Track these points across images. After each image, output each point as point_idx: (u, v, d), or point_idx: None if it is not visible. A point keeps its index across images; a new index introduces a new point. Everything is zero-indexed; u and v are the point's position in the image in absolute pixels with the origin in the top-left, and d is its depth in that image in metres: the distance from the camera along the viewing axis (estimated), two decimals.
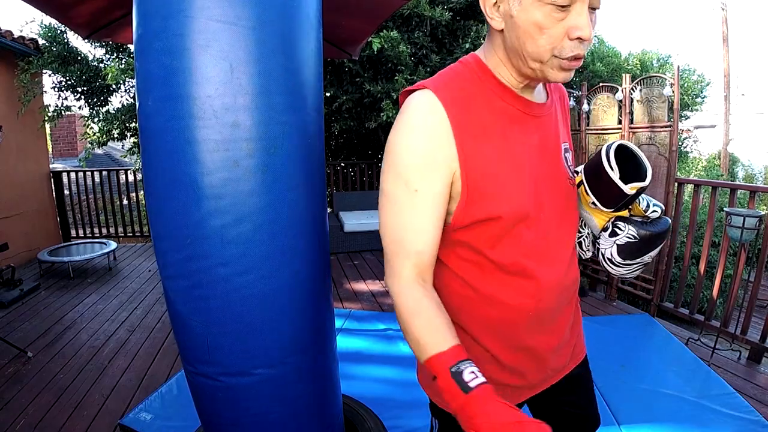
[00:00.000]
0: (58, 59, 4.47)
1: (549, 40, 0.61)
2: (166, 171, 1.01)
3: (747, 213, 2.31)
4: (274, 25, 1.00)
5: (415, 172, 0.66)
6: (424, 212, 0.66)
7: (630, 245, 0.78)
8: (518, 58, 0.66)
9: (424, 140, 0.65)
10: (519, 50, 0.65)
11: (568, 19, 0.60)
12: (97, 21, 1.92)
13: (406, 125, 0.67)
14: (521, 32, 0.62)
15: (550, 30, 0.61)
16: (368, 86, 4.26)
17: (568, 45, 0.61)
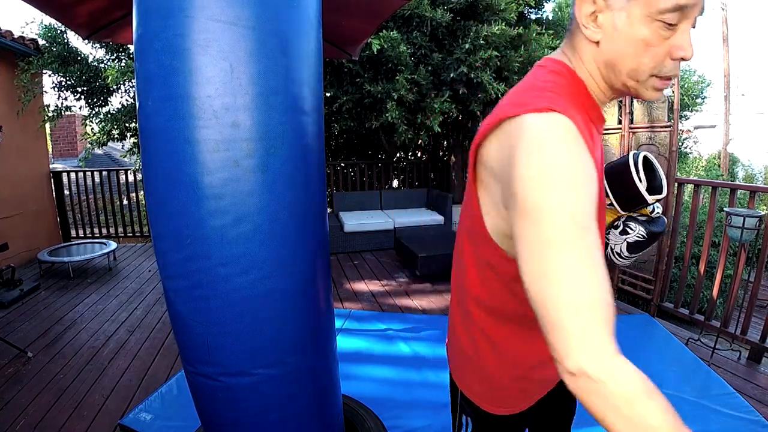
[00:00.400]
0: (58, 59, 4.47)
1: (652, 58, 0.59)
2: (166, 171, 1.01)
3: (747, 213, 2.31)
4: (274, 25, 1.00)
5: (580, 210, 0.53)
6: (600, 254, 0.53)
7: (639, 242, 0.87)
8: (613, 73, 0.63)
9: (578, 172, 0.55)
10: (617, 65, 0.62)
11: (674, 38, 0.58)
12: (97, 21, 1.92)
13: (558, 158, 0.54)
14: (624, 47, 0.59)
15: (655, 48, 0.58)
16: (368, 87, 4.26)
17: (670, 64, 0.60)
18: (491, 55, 4.18)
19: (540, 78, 0.65)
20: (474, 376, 0.82)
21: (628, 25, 0.58)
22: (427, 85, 4.37)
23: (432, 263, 3.79)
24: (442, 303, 3.34)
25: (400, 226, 4.94)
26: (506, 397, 0.82)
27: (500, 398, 0.82)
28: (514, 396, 0.82)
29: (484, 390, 0.82)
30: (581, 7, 0.62)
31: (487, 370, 0.80)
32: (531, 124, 0.57)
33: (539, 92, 0.61)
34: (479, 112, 4.89)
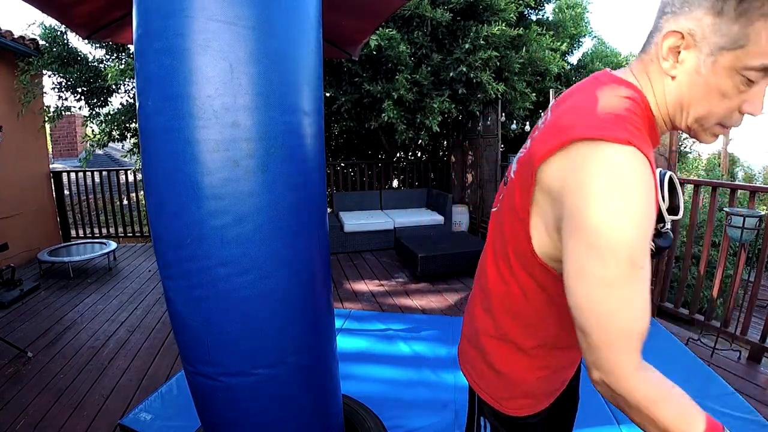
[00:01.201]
0: (58, 60, 4.47)
1: (724, 109, 0.59)
2: (166, 171, 1.01)
3: (747, 213, 2.31)
4: (274, 25, 1.00)
5: (641, 248, 0.55)
6: (646, 292, 0.56)
7: None
8: (680, 112, 0.63)
9: (648, 210, 0.56)
10: (688, 106, 0.61)
11: (748, 93, 0.57)
12: (97, 21, 1.93)
13: (633, 196, 0.55)
14: (701, 93, 0.59)
15: (730, 101, 0.58)
16: (368, 86, 4.26)
17: (736, 116, 0.60)
18: (491, 55, 4.19)
19: (615, 101, 0.62)
20: (499, 383, 0.82)
21: (713, 72, 0.57)
22: (427, 85, 4.37)
23: (432, 263, 3.79)
24: (441, 303, 3.34)
25: (400, 226, 4.94)
26: (531, 398, 0.83)
27: (525, 401, 0.83)
28: (537, 396, 0.83)
29: (509, 395, 0.82)
30: (667, 39, 0.59)
31: (514, 376, 0.80)
32: (610, 155, 0.56)
33: (620, 121, 0.59)
34: (479, 112, 4.90)
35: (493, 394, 0.83)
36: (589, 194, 0.56)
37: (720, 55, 0.55)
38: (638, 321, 0.56)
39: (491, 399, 0.84)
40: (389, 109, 4.20)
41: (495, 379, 0.83)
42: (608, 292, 0.55)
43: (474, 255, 3.94)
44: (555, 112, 0.70)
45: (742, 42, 0.53)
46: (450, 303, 3.34)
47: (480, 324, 0.85)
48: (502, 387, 0.82)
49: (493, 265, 0.79)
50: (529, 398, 0.82)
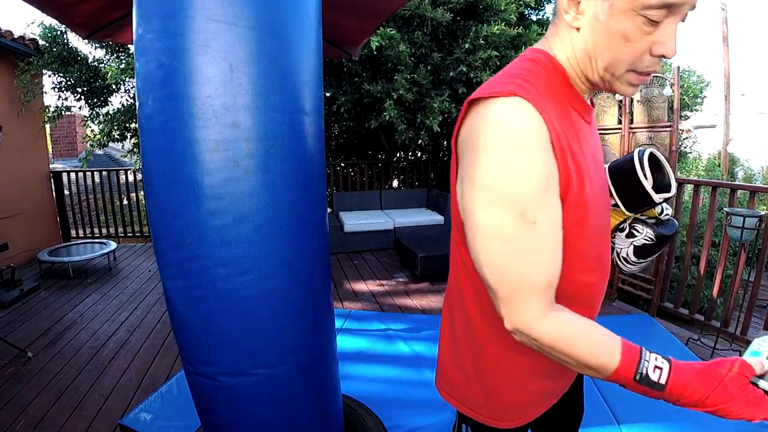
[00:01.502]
0: (58, 60, 4.47)
1: (631, 54, 0.57)
2: (166, 171, 1.01)
3: (747, 213, 2.31)
4: (274, 25, 1.01)
5: (531, 201, 0.56)
6: (547, 243, 0.58)
7: (646, 246, 0.81)
8: (589, 64, 0.62)
9: (536, 161, 0.55)
10: (594, 56, 0.60)
11: (656, 34, 0.56)
12: (97, 21, 1.93)
13: (506, 144, 0.55)
14: (604, 39, 0.58)
15: (635, 44, 0.56)
16: (368, 86, 4.26)
17: (648, 60, 0.58)
18: (491, 55, 4.19)
19: (516, 66, 0.64)
20: (475, 391, 0.79)
21: (610, 16, 0.56)
22: (427, 84, 4.37)
23: (432, 263, 3.79)
24: (441, 302, 3.33)
25: (400, 226, 4.94)
26: (510, 410, 0.79)
27: (504, 412, 0.79)
28: (517, 408, 0.79)
29: (486, 404, 0.79)
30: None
31: (490, 384, 0.77)
32: (493, 110, 0.57)
33: (509, 78, 0.60)
34: None
35: (471, 402, 0.80)
36: (475, 150, 0.57)
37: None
38: (536, 273, 0.58)
39: (470, 410, 0.81)
40: (390, 109, 4.20)
41: (472, 388, 0.79)
42: (503, 246, 0.57)
43: None
44: None
45: None
46: None
47: (448, 328, 0.81)
48: (479, 395, 0.78)
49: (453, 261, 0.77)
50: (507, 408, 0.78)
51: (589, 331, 0.59)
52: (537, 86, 0.60)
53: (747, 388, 0.55)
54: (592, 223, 0.66)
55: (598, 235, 0.70)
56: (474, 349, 0.76)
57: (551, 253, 0.59)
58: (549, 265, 0.59)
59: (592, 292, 0.73)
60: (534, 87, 0.59)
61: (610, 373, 0.58)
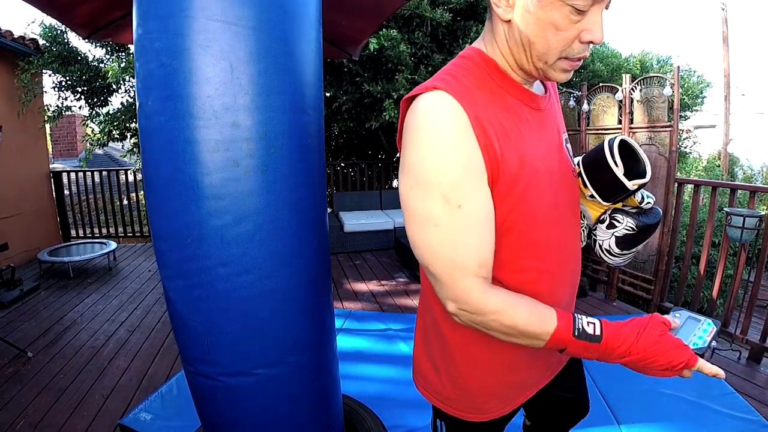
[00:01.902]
0: (58, 59, 4.47)
1: (561, 42, 0.60)
2: (166, 171, 1.01)
3: (747, 213, 2.31)
4: (274, 24, 1.01)
5: (453, 186, 0.59)
6: (476, 226, 0.61)
7: (628, 237, 0.80)
8: (522, 53, 0.64)
9: (456, 148, 0.59)
10: (526, 46, 0.63)
11: (583, 22, 0.59)
12: (97, 21, 1.92)
13: (428, 134, 0.59)
14: (534, 29, 0.60)
15: (564, 32, 0.59)
16: (368, 86, 4.26)
17: (578, 47, 0.61)
18: None
19: (448, 65, 0.69)
20: (446, 385, 0.80)
21: (540, 8, 0.58)
22: None
23: None
24: None
25: (400, 226, 4.94)
26: (481, 402, 0.79)
27: (474, 404, 0.79)
28: (488, 400, 0.79)
29: (457, 397, 0.79)
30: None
31: (458, 377, 0.78)
32: (417, 104, 0.62)
33: (438, 76, 0.65)
34: None
35: (442, 395, 0.81)
36: (405, 143, 0.63)
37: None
38: (466, 255, 0.61)
39: (442, 402, 0.82)
40: (390, 109, 4.20)
41: (443, 380, 0.80)
42: (433, 230, 0.61)
43: None
44: None
45: None
46: None
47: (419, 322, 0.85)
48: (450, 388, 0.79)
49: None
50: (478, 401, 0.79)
51: (526, 302, 0.63)
52: (464, 80, 0.63)
53: (666, 334, 0.61)
54: (542, 210, 0.68)
55: (553, 222, 0.72)
56: (441, 343, 0.79)
57: (481, 236, 0.62)
58: (479, 247, 0.62)
59: (550, 279, 0.74)
60: (459, 81, 0.63)
61: (550, 335, 0.61)
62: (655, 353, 0.60)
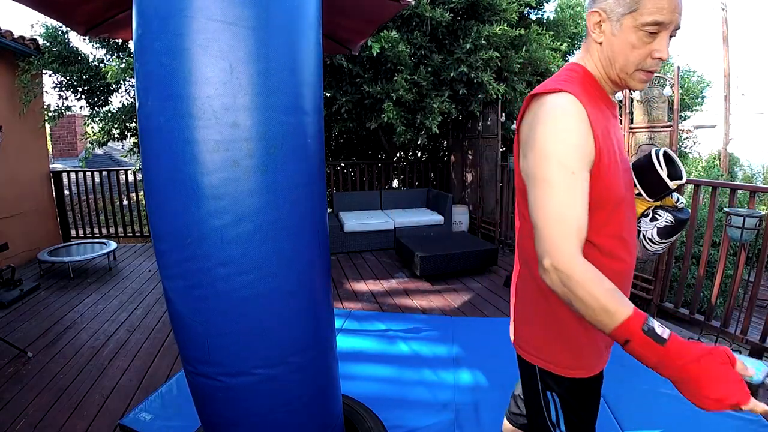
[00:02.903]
0: (58, 59, 4.47)
1: (637, 58, 0.80)
2: (166, 171, 1.01)
3: (747, 213, 2.31)
4: (274, 25, 1.01)
5: (573, 158, 0.76)
6: (580, 193, 0.76)
7: (667, 228, 1.02)
8: (610, 67, 0.85)
9: (578, 133, 0.77)
10: (612, 61, 0.84)
11: (654, 44, 0.78)
12: (96, 19, 1.92)
13: (559, 120, 0.78)
14: (617, 48, 0.82)
15: (639, 50, 0.79)
16: (368, 87, 4.26)
17: (650, 62, 0.81)
18: (492, 56, 4.18)
19: (559, 75, 0.89)
20: (557, 345, 0.92)
21: (621, 32, 0.80)
22: (427, 85, 4.36)
23: (432, 263, 3.79)
24: (441, 303, 3.34)
25: (400, 226, 4.94)
26: (591, 355, 0.93)
27: (586, 359, 0.92)
28: (597, 353, 0.93)
29: (570, 356, 0.91)
30: (590, 18, 0.84)
31: (572, 333, 0.90)
32: (546, 99, 0.81)
33: (555, 80, 0.85)
34: (479, 113, 4.90)
35: (555, 359, 0.92)
36: (535, 127, 0.80)
37: (623, 19, 0.79)
38: (572, 213, 0.74)
39: (554, 366, 0.92)
40: (389, 110, 4.19)
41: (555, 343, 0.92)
42: (549, 191, 0.76)
43: (474, 255, 3.94)
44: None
45: (634, 7, 0.77)
46: (450, 303, 3.34)
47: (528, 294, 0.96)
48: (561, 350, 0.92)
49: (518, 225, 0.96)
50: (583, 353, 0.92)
51: (609, 281, 0.71)
52: (575, 87, 0.82)
53: (727, 365, 0.63)
54: (621, 195, 0.86)
55: (629, 206, 0.91)
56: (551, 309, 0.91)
57: (583, 204, 0.76)
58: (581, 212, 0.75)
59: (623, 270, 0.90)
60: (573, 87, 0.82)
61: (622, 320, 0.66)
62: (710, 380, 0.62)
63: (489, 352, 2.46)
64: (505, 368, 2.27)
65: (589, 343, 0.91)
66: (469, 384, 2.16)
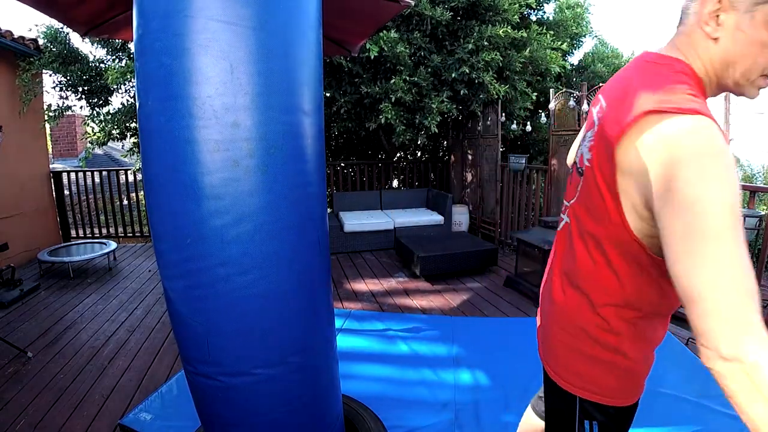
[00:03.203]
0: (58, 59, 4.47)
1: (766, 60, 0.64)
2: (167, 171, 1.01)
3: (747, 213, 2.31)
4: (274, 25, 1.00)
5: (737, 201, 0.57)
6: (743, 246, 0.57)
7: None
8: (728, 70, 0.68)
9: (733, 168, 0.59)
10: (734, 63, 0.66)
11: None
12: (96, 19, 1.93)
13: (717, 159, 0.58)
14: (745, 47, 0.64)
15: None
16: (366, 88, 4.25)
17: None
18: (494, 58, 4.18)
19: (671, 78, 0.68)
20: (612, 378, 0.82)
21: (752, 27, 0.63)
22: (427, 86, 4.36)
23: (431, 263, 3.79)
24: (441, 303, 3.34)
25: (400, 226, 4.94)
26: (640, 383, 0.85)
27: (639, 387, 0.85)
28: (644, 379, 0.85)
29: (625, 387, 0.83)
30: (705, 5, 0.66)
31: (633, 366, 0.81)
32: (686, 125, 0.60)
33: (676, 93, 0.64)
34: (479, 112, 4.90)
35: (606, 388, 0.83)
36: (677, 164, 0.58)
37: (756, 10, 0.62)
38: (750, 277, 0.54)
39: (602, 397, 0.84)
40: (387, 110, 4.19)
41: (608, 372, 0.82)
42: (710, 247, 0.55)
43: (474, 255, 3.94)
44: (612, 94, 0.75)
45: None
46: (450, 303, 3.34)
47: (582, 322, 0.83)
48: (615, 378, 0.82)
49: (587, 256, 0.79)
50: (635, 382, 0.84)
51: None
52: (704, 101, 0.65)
53: None
54: None
55: None
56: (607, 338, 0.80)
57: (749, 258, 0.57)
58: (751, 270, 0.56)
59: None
60: (704, 104, 0.64)
61: None
62: None
63: (489, 352, 2.46)
64: (505, 368, 2.27)
65: (645, 371, 0.84)
66: (469, 384, 2.16)
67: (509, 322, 2.94)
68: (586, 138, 0.81)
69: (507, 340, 2.62)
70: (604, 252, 0.75)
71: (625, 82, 0.73)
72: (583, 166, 0.80)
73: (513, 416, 1.89)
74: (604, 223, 0.73)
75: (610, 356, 0.81)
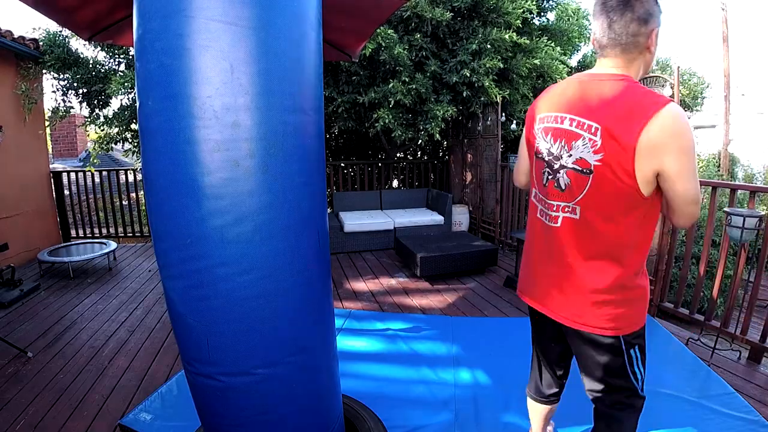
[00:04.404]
0: (58, 62, 4.48)
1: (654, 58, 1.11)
2: (166, 171, 1.01)
3: (747, 213, 2.30)
4: (274, 25, 1.01)
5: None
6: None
7: None
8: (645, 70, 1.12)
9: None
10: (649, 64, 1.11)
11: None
12: (99, 23, 1.92)
13: (690, 129, 0.99)
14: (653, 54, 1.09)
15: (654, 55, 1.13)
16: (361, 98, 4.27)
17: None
18: (495, 64, 4.19)
19: (639, 86, 1.04)
20: (639, 305, 1.14)
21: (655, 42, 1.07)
22: (426, 91, 4.36)
23: (432, 263, 3.79)
24: (441, 303, 3.34)
25: (400, 226, 4.94)
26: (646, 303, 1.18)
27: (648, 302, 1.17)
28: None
29: (644, 307, 1.15)
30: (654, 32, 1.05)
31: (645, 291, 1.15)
32: (675, 110, 0.97)
33: (652, 93, 1.01)
34: (480, 113, 4.90)
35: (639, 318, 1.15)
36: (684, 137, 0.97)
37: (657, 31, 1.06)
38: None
39: (638, 326, 1.14)
40: (383, 116, 4.20)
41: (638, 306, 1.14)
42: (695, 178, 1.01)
43: (474, 255, 3.94)
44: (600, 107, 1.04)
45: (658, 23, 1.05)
46: (450, 303, 3.34)
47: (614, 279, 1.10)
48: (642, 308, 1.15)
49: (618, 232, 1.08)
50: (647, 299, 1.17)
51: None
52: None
53: None
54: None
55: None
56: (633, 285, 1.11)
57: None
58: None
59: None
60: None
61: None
62: None
63: (489, 352, 2.46)
64: (505, 368, 2.27)
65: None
66: (469, 384, 2.16)
67: (509, 322, 2.94)
68: (575, 147, 1.06)
69: (507, 340, 2.62)
70: (627, 223, 1.06)
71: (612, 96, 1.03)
72: (590, 166, 1.04)
73: (513, 416, 1.89)
74: (625, 198, 1.03)
75: (639, 293, 1.13)
